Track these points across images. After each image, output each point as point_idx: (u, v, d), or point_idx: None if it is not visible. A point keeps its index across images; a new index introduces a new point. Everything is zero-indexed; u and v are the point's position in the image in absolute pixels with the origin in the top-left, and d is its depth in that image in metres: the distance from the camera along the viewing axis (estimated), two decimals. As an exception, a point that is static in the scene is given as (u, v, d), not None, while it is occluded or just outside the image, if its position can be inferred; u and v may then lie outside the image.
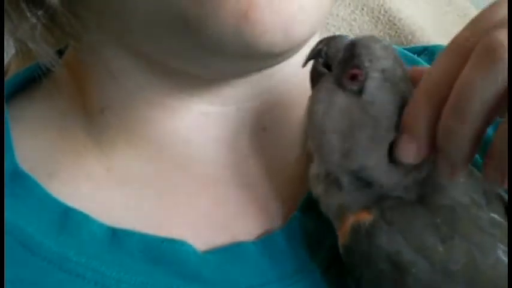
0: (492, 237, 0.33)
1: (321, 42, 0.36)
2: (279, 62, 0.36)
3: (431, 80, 0.31)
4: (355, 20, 0.57)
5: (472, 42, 0.30)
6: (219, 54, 0.34)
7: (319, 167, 0.36)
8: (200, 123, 0.39)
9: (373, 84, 0.34)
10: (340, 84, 0.34)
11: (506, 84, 0.28)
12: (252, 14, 0.31)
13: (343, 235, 0.35)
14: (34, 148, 0.39)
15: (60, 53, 0.42)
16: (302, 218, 0.39)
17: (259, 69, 0.37)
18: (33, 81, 0.42)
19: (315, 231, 0.39)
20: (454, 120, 0.29)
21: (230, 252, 0.37)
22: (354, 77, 0.34)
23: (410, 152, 0.32)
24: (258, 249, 0.38)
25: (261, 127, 0.40)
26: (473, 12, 0.63)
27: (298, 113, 0.41)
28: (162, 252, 0.36)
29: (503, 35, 0.28)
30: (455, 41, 0.31)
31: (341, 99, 0.34)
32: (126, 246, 0.36)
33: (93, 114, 0.40)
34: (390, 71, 0.34)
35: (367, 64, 0.34)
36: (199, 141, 0.39)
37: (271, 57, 0.33)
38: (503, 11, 0.30)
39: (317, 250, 0.38)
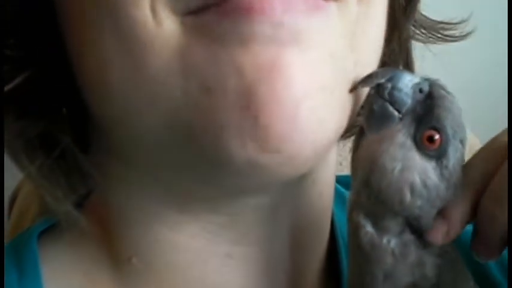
0: None
1: (377, 73, 0.34)
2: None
3: (474, 178, 0.34)
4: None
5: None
6: (228, 170, 0.33)
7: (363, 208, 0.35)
8: (226, 265, 0.39)
9: (453, 152, 0.34)
10: (416, 143, 0.34)
11: None
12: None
13: None
14: None
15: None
16: None
17: (263, 191, 0.38)
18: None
19: None
20: (495, 206, 0.33)
21: None
22: (431, 140, 0.33)
23: (440, 234, 0.35)
24: None
25: (281, 268, 0.41)
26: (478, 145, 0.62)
27: (315, 255, 0.44)
28: None
29: None
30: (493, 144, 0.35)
31: (418, 162, 0.33)
32: None
33: (121, 263, 0.40)
34: (464, 141, 0.34)
35: (449, 131, 0.34)
36: (227, 285, 0.40)
37: (272, 178, 0.34)
38: None
39: None
